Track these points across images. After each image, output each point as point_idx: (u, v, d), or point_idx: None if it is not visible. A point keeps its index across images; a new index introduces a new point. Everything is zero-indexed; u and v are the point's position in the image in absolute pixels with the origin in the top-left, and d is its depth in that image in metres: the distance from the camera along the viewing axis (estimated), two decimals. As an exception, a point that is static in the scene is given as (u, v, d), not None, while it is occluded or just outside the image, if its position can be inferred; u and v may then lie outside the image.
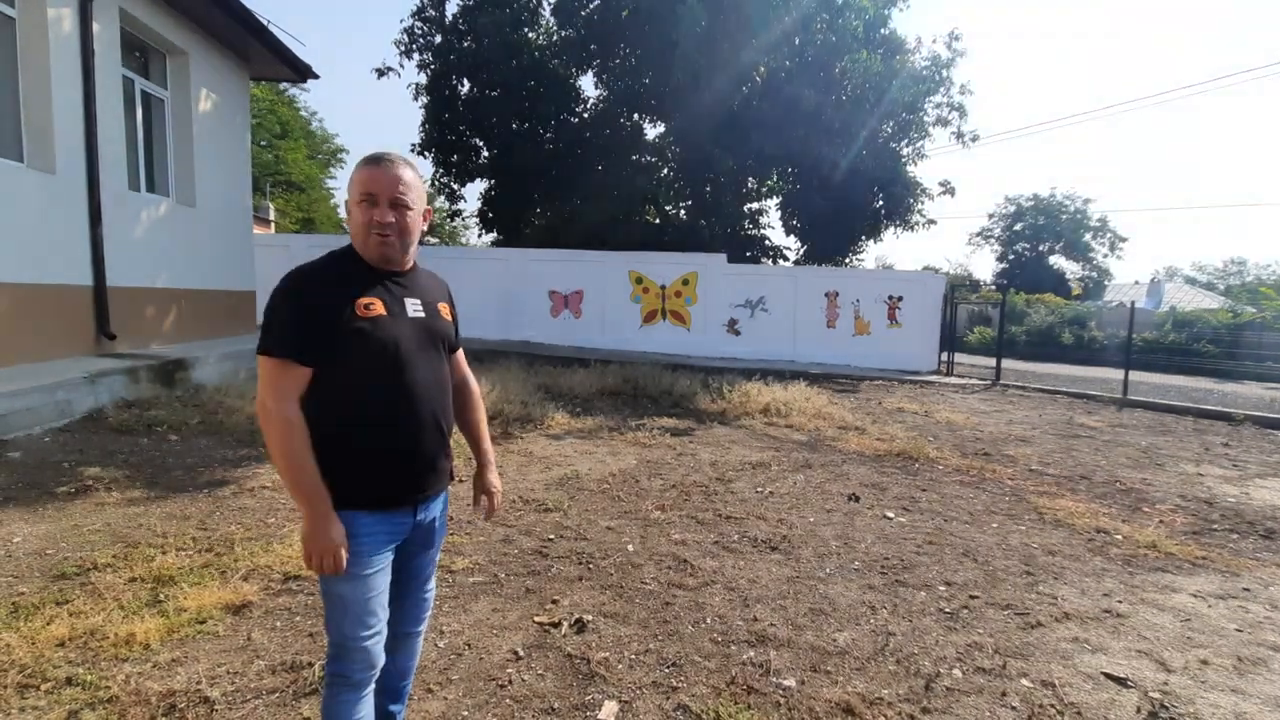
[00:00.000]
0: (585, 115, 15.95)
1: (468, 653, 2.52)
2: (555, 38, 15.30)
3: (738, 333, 13.37)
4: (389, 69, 15.03)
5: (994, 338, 17.65)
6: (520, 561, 3.39)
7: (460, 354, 1.90)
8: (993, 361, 13.33)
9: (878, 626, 2.90)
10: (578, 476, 4.97)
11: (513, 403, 7.04)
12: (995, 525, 4.38)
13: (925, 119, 14.42)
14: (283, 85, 27.18)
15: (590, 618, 2.82)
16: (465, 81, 15.19)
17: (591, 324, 13.38)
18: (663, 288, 13.28)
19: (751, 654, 2.62)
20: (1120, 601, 3.31)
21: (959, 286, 18.76)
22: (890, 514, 4.49)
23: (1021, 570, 3.64)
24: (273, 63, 10.31)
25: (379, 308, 1.54)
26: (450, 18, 15.02)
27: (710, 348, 13.20)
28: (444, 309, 1.75)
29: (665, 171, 16.41)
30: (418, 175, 1.63)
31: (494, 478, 1.90)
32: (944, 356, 13.46)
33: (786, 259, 17.04)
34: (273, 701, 2.15)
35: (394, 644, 1.79)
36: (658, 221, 16.75)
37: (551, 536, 3.75)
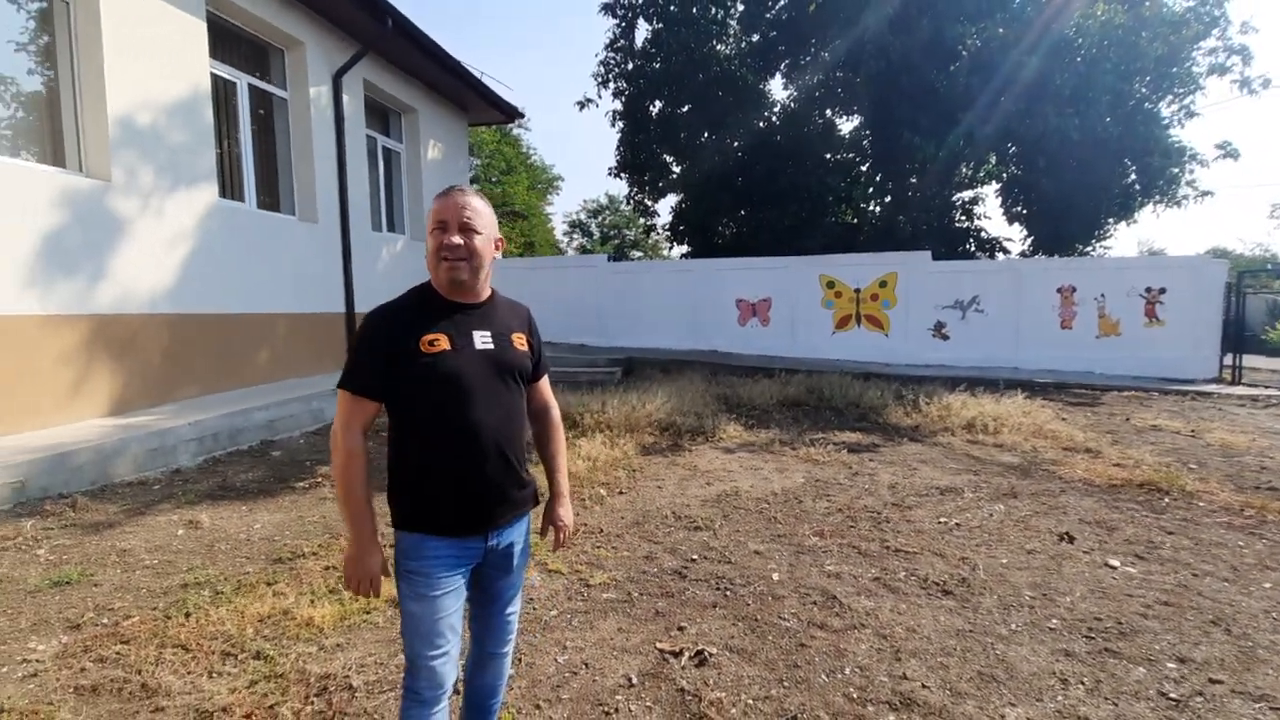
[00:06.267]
0: (773, 119, 15.60)
1: (582, 672, 2.53)
2: (743, 45, 15.18)
3: (945, 337, 12.01)
4: (589, 100, 16.06)
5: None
6: (657, 581, 3.34)
7: (543, 382, 1.91)
8: (1305, 366, 10.38)
9: (1065, 707, 2.36)
10: (737, 494, 4.80)
11: (686, 414, 7.04)
12: (1269, 586, 3.35)
13: (1195, 69, 11.73)
14: (508, 126, 30.51)
15: (714, 650, 2.68)
16: (657, 101, 15.68)
17: (780, 332, 12.94)
18: (857, 291, 12.41)
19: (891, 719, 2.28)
20: None
21: (1253, 271, 14.94)
22: (1115, 561, 3.67)
23: (1304, 652, 2.73)
24: (486, 109, 11.64)
25: (443, 343, 1.60)
26: (641, 44, 15.63)
27: (912, 355, 12.03)
28: (519, 339, 1.76)
29: (863, 166, 15.42)
30: (487, 204, 1.68)
31: (564, 511, 1.88)
32: (1228, 360, 10.79)
33: (1008, 252, 14.98)
34: (400, 696, 2.34)
35: (481, 662, 1.85)
36: (854, 220, 15.76)
37: (695, 557, 3.65)
